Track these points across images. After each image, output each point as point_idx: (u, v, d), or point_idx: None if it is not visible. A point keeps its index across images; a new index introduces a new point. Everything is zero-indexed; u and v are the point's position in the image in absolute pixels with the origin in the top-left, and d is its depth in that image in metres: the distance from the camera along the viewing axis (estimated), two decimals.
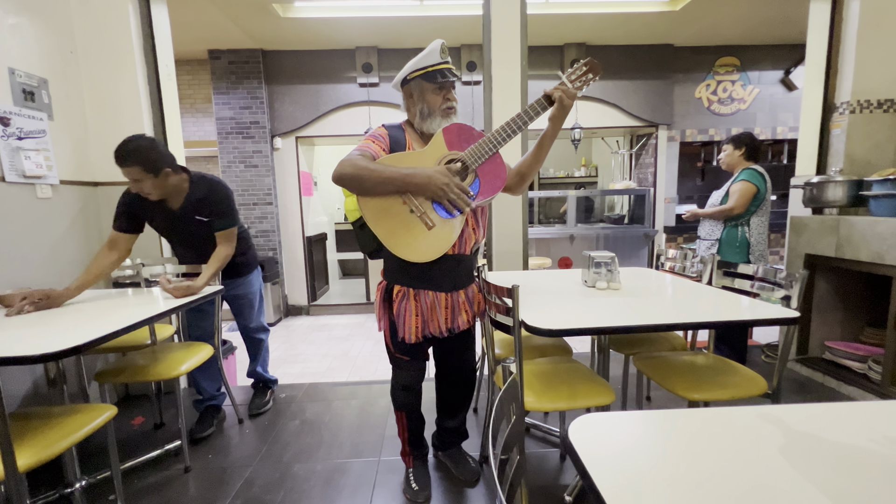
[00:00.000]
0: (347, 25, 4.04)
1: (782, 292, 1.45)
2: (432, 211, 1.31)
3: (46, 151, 1.98)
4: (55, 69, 2.07)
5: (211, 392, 2.10)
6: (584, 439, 0.63)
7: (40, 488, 1.56)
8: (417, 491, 1.56)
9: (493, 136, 1.30)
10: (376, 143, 1.35)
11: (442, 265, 1.36)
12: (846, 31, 2.43)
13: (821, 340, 2.55)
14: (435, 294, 1.40)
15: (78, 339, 1.12)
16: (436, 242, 1.30)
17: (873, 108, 2.41)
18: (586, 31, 4.35)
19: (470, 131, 1.34)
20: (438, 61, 1.32)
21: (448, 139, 1.31)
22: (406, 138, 1.40)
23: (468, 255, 1.43)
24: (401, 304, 1.41)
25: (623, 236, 4.88)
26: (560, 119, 1.32)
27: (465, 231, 1.38)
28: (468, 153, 1.30)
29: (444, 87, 1.35)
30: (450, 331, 1.44)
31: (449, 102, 1.36)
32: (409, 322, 1.40)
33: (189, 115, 5.11)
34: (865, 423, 0.67)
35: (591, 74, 1.30)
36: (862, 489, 0.52)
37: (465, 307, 1.46)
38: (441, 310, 1.41)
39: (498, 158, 1.33)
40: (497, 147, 1.30)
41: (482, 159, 1.30)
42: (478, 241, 1.46)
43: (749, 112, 4.90)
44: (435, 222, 1.30)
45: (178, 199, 1.84)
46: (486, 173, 1.32)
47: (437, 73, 1.32)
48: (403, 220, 1.31)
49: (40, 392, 1.89)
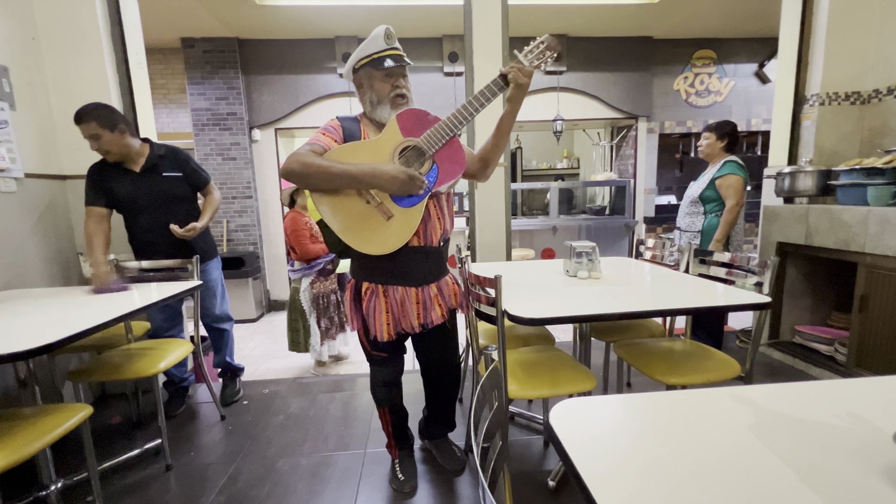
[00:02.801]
0: (327, 14, 3.95)
1: (755, 279, 1.50)
2: (389, 200, 1.27)
3: (9, 143, 1.89)
4: (16, 56, 1.97)
5: (180, 376, 2.24)
6: (565, 423, 0.64)
7: (14, 492, 1.51)
8: (403, 481, 1.56)
9: (449, 120, 1.26)
10: (327, 136, 1.31)
11: (409, 258, 1.33)
12: (816, 25, 2.50)
13: (791, 325, 2.66)
14: (405, 289, 1.36)
15: (49, 338, 1.08)
16: (396, 232, 1.27)
17: (841, 101, 2.49)
18: (567, 23, 4.36)
19: (425, 116, 1.29)
20: (384, 47, 1.28)
21: (402, 125, 1.27)
22: (361, 129, 1.36)
23: (436, 247, 1.39)
24: (370, 301, 1.37)
25: (604, 227, 4.95)
26: (517, 100, 1.27)
27: (429, 221, 1.34)
28: (423, 139, 1.26)
29: (392, 74, 1.30)
30: (423, 326, 1.40)
31: (398, 89, 1.31)
32: (380, 319, 1.36)
33: (162, 105, 4.94)
34: (831, 401, 0.71)
35: (549, 52, 1.26)
36: (827, 463, 0.55)
37: (439, 301, 1.41)
38: (412, 305, 1.37)
39: (455, 143, 1.29)
40: (453, 131, 1.26)
41: (438, 145, 1.26)
42: (445, 231, 1.41)
43: (725, 104, 5.01)
44: (393, 212, 1.27)
45: (139, 161, 1.95)
46: (443, 159, 1.28)
47: (382, 60, 1.28)
48: (360, 212, 1.27)
49: (10, 393, 1.82)
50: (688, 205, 2.62)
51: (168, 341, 1.90)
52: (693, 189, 2.61)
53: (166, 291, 1.62)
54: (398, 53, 1.31)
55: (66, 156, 2.20)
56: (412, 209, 1.28)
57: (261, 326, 4.44)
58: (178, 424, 2.07)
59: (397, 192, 1.25)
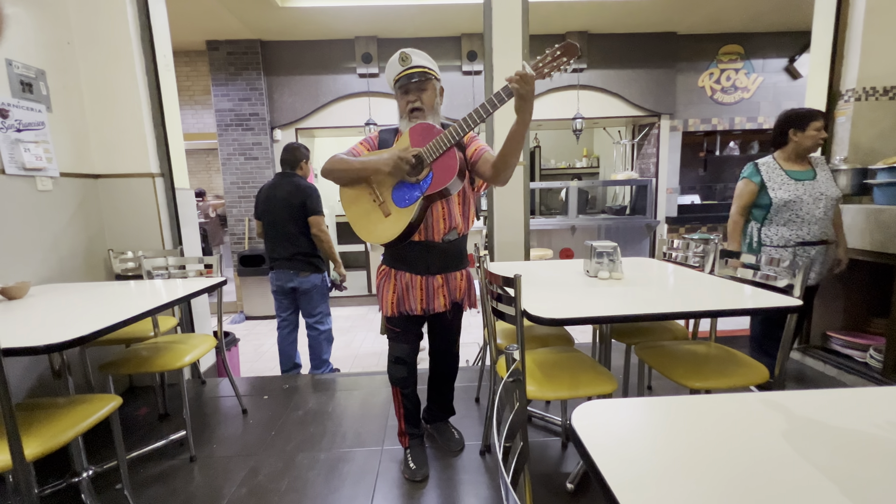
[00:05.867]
0: (346, 15, 3.99)
1: (785, 281, 1.45)
2: (390, 200, 1.46)
3: (46, 143, 1.97)
4: (52, 60, 2.05)
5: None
6: (588, 426, 0.63)
7: (48, 477, 1.57)
8: (416, 469, 1.61)
9: (448, 133, 1.36)
10: (363, 145, 1.54)
11: (413, 250, 1.51)
12: (853, 17, 2.39)
13: (822, 330, 2.55)
14: (411, 276, 1.53)
15: (81, 331, 1.12)
16: (389, 227, 1.45)
17: (879, 96, 2.38)
18: (588, 19, 4.30)
19: (431, 129, 1.42)
20: (399, 70, 1.45)
21: (413, 138, 1.44)
22: (396, 138, 1.53)
23: (439, 243, 1.51)
24: (381, 280, 1.60)
25: (624, 227, 4.86)
26: (522, 110, 1.24)
27: (430, 219, 1.47)
28: (425, 150, 1.41)
29: (408, 91, 1.47)
30: (425, 311, 1.55)
31: (412, 104, 1.48)
32: (387, 297, 1.57)
33: (188, 107, 5.08)
34: (870, 409, 0.68)
35: (565, 58, 1.23)
36: (867, 473, 0.52)
37: (444, 292, 1.55)
38: (416, 290, 1.54)
39: (451, 153, 1.38)
40: (451, 142, 1.36)
41: (436, 154, 1.39)
42: (454, 229, 1.52)
43: (752, 101, 4.86)
44: (391, 210, 1.46)
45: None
46: (438, 168, 1.40)
47: (399, 80, 1.47)
48: (367, 207, 1.50)
49: (45, 383, 1.90)
50: (829, 206, 1.96)
51: (192, 336, 1.95)
52: (823, 186, 1.95)
53: (191, 287, 1.67)
54: (409, 72, 1.44)
55: (98, 156, 2.28)
56: (405, 209, 1.44)
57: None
58: (201, 417, 2.12)
59: (391, 172, 1.42)
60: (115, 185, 2.31)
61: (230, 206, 4.86)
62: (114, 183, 2.30)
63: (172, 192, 2.41)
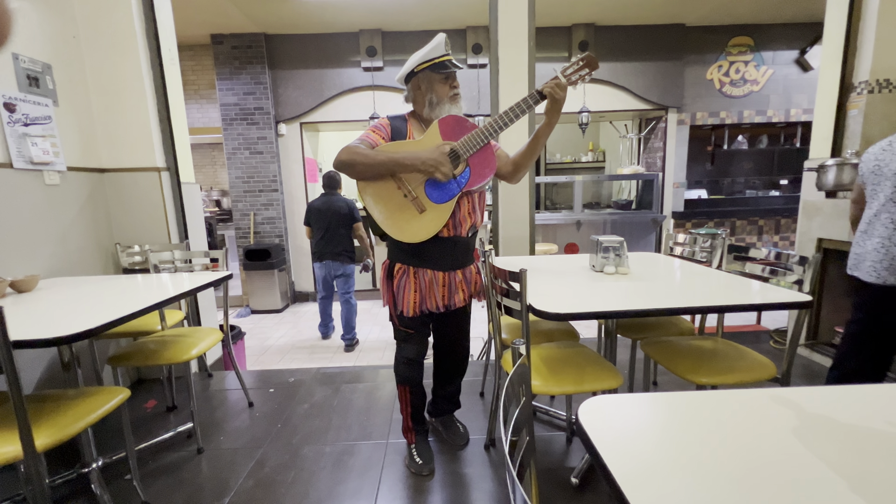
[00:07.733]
0: (350, 8, 3.96)
1: (794, 276, 1.43)
2: (424, 196, 1.41)
3: (53, 138, 1.98)
4: (58, 54, 2.06)
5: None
6: (594, 421, 0.62)
7: (59, 468, 1.60)
8: (422, 464, 1.61)
9: (486, 128, 1.37)
10: (376, 133, 1.47)
11: (439, 246, 1.46)
12: (866, 8, 2.34)
13: (831, 326, 2.53)
14: (433, 273, 1.50)
15: (90, 324, 1.13)
16: (426, 225, 1.41)
17: (892, 88, 2.33)
18: (595, 11, 4.24)
19: (464, 122, 1.42)
20: (443, 53, 1.43)
21: (443, 130, 1.41)
22: (408, 128, 1.50)
23: (464, 238, 1.51)
24: (401, 280, 1.52)
25: (631, 222, 4.83)
26: (554, 112, 1.39)
27: (459, 214, 1.46)
28: (461, 144, 1.39)
29: (450, 77, 1.47)
30: (446, 307, 1.54)
31: (455, 90, 1.48)
32: (408, 297, 1.51)
33: (193, 101, 5.08)
34: (881, 405, 0.67)
35: (587, 69, 1.37)
36: (880, 470, 0.52)
37: (463, 286, 1.55)
38: (438, 287, 1.51)
39: (489, 149, 1.41)
40: (489, 139, 1.38)
41: (474, 150, 1.38)
42: (475, 224, 1.54)
43: (762, 94, 4.78)
44: (426, 206, 1.41)
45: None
46: (476, 163, 1.40)
47: (443, 65, 1.42)
48: (398, 204, 1.42)
49: (55, 376, 1.92)
50: None
51: (199, 329, 1.97)
52: None
53: (198, 281, 1.68)
54: (453, 59, 1.46)
55: (105, 150, 2.29)
56: (443, 205, 1.40)
57: (286, 317, 4.56)
58: (208, 410, 2.14)
59: (433, 172, 1.37)
60: (122, 179, 2.32)
61: (235, 200, 4.88)
62: (120, 177, 2.32)
63: (178, 186, 2.42)
